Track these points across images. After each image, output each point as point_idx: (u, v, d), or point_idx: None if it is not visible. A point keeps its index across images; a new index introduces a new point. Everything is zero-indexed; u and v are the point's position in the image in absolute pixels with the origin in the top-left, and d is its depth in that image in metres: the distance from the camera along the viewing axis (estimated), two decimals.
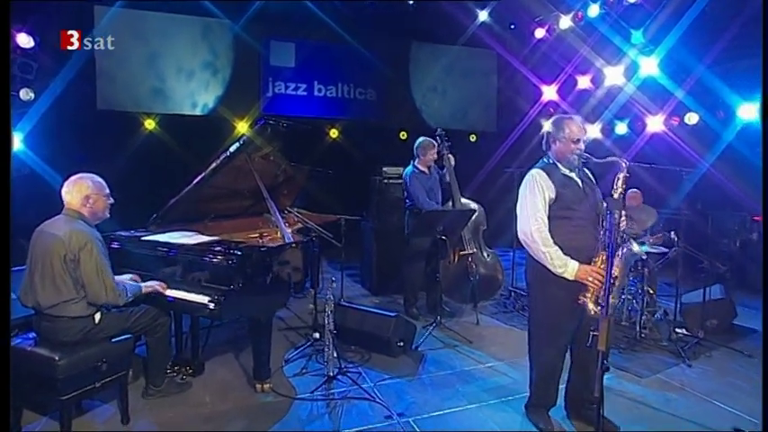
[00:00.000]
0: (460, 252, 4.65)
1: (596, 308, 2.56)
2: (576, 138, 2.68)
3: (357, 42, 7.66)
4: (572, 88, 8.03)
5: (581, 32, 7.57)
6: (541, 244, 2.60)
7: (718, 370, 3.78)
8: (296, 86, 7.68)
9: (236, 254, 2.88)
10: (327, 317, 3.33)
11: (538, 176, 2.69)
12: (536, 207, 2.65)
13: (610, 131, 7.84)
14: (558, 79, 8.18)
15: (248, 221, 4.18)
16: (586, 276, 2.54)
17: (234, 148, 3.45)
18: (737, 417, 3.07)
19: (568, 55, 7.84)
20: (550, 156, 2.79)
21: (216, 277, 2.92)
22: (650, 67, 6.85)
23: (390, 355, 3.77)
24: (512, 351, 3.98)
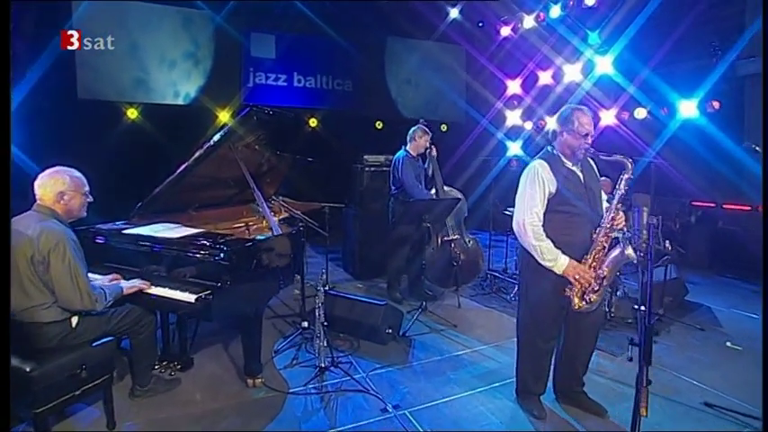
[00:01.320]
0: (444, 238, 4.33)
1: (581, 302, 2.33)
2: (585, 132, 2.36)
3: (335, 35, 7.13)
4: (534, 83, 7.80)
5: (543, 32, 7.37)
6: (533, 238, 2.32)
7: (679, 345, 3.64)
8: (276, 77, 7.09)
9: (224, 249, 2.42)
10: (318, 308, 2.95)
11: (540, 169, 2.36)
12: (533, 200, 2.35)
13: None
14: (522, 74, 7.98)
15: (233, 210, 3.72)
16: (573, 274, 2.29)
17: (217, 137, 2.99)
18: (704, 390, 2.96)
19: (531, 52, 7.62)
20: (555, 147, 2.46)
21: (203, 273, 2.47)
22: (605, 65, 6.69)
23: (380, 343, 3.43)
24: (495, 334, 3.73)
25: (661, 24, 6.07)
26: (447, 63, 8.41)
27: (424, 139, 4.38)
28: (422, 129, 4.42)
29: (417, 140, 4.38)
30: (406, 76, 8.19)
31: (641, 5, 5.97)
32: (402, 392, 2.83)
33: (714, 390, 2.95)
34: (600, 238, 2.32)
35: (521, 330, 2.64)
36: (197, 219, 3.34)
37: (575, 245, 2.34)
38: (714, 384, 3.02)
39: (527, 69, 7.81)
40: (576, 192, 2.37)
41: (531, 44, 7.55)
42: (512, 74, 8.10)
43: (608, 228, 2.31)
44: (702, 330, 3.91)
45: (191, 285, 2.44)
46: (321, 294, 2.95)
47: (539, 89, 7.76)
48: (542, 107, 7.86)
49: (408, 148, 4.42)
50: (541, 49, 7.48)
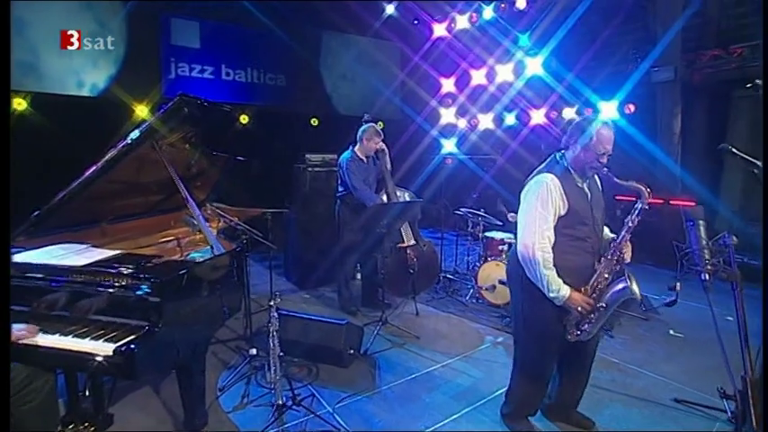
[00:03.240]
0: (398, 245, 3.92)
1: (575, 332, 2.08)
2: (604, 151, 2.00)
3: (267, 27, 6.41)
4: (468, 82, 7.72)
5: (476, 33, 7.29)
6: (543, 266, 1.98)
7: (634, 338, 3.62)
8: (202, 69, 6.19)
9: (151, 279, 1.80)
10: (272, 337, 2.41)
11: (553, 186, 1.99)
12: (545, 222, 1.99)
13: (500, 122, 7.68)
14: (456, 73, 7.86)
15: (159, 221, 3.02)
16: (576, 306, 2.00)
17: (136, 134, 2.32)
18: (668, 384, 2.91)
19: (465, 52, 7.52)
20: (566, 159, 2.09)
21: (123, 313, 1.82)
22: (535, 67, 6.74)
23: (341, 366, 2.96)
24: (460, 344, 3.44)
25: (585, 31, 6.26)
26: (382, 60, 8.04)
27: (374, 142, 3.91)
28: (373, 129, 3.94)
29: (367, 143, 3.91)
30: (341, 71, 7.67)
31: (567, 12, 6.08)
32: (377, 426, 2.40)
33: (677, 383, 2.91)
34: (603, 269, 2.07)
35: (522, 358, 2.31)
36: (112, 234, 2.61)
37: (575, 271, 2.06)
38: (675, 377, 2.99)
39: (461, 68, 7.71)
40: (584, 213, 2.07)
41: (464, 44, 7.46)
42: (446, 72, 7.96)
43: (613, 260, 2.06)
44: (647, 320, 3.95)
45: (105, 330, 1.78)
46: (275, 320, 2.41)
47: (472, 88, 7.69)
48: (476, 106, 7.82)
49: (356, 149, 3.94)
50: (474, 50, 7.44)
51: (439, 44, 7.73)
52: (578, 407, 2.45)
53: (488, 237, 4.68)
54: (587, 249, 2.09)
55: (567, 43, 6.22)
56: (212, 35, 6.19)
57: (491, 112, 7.70)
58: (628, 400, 2.71)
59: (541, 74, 6.74)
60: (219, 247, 2.33)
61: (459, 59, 7.65)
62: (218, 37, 6.25)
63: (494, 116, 7.69)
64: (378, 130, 3.95)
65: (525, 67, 6.86)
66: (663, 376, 3.00)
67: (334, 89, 7.61)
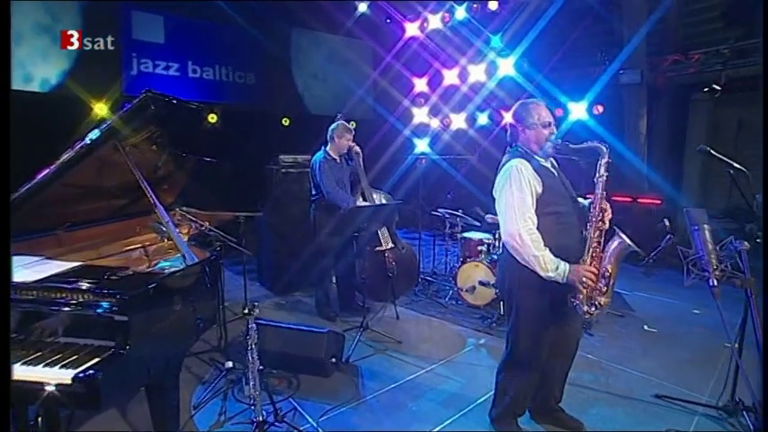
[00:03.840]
0: (377, 249, 3.81)
1: (591, 309, 2.01)
2: (547, 121, 2.08)
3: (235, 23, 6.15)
4: (440, 82, 7.70)
5: (448, 33, 7.28)
6: (533, 247, 1.94)
7: (610, 335, 3.67)
8: (167, 65, 5.86)
9: (117, 294, 1.61)
10: (251, 350, 2.25)
11: (524, 169, 1.99)
12: (525, 205, 1.97)
13: (473, 122, 7.72)
14: (428, 73, 7.83)
15: (122, 227, 2.78)
16: (580, 278, 1.94)
17: (96, 133, 2.11)
18: (647, 380, 2.95)
19: (437, 52, 7.50)
20: (520, 146, 2.12)
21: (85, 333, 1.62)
22: (507, 67, 6.80)
23: (323, 376, 2.82)
24: (443, 348, 3.37)
25: (555, 33, 6.37)
26: (354, 59, 7.91)
27: (346, 139, 3.78)
28: (343, 126, 3.82)
29: (338, 140, 3.77)
30: (312, 70, 7.49)
31: (538, 14, 6.16)
32: None
33: (657, 379, 2.95)
34: (593, 235, 2.02)
35: (517, 355, 2.23)
36: (69, 244, 2.38)
37: (569, 248, 2.02)
38: (653, 373, 3.04)
39: (433, 68, 7.69)
40: (558, 190, 2.07)
41: (437, 44, 7.44)
42: (418, 72, 7.91)
43: (598, 221, 2.03)
44: (622, 317, 4.02)
45: (62, 354, 1.57)
46: (253, 332, 2.26)
47: (445, 88, 7.68)
48: (448, 105, 7.83)
49: (328, 148, 3.80)
50: (447, 50, 7.43)
51: (411, 44, 7.67)
52: (565, 409, 2.43)
53: (466, 237, 4.65)
54: (573, 224, 2.08)
55: (538, 45, 6.31)
56: (177, 30, 5.87)
57: (464, 111, 7.72)
58: (612, 399, 2.71)
59: (513, 74, 6.81)
60: (192, 256, 2.15)
61: (431, 59, 7.63)
62: (184, 32, 5.94)
63: (466, 116, 7.72)
64: (348, 126, 3.83)
65: (497, 67, 6.91)
66: (642, 372, 3.03)
67: (305, 88, 7.41)
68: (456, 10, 6.96)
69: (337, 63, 7.63)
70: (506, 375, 2.28)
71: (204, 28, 6.12)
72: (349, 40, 7.61)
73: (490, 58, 6.97)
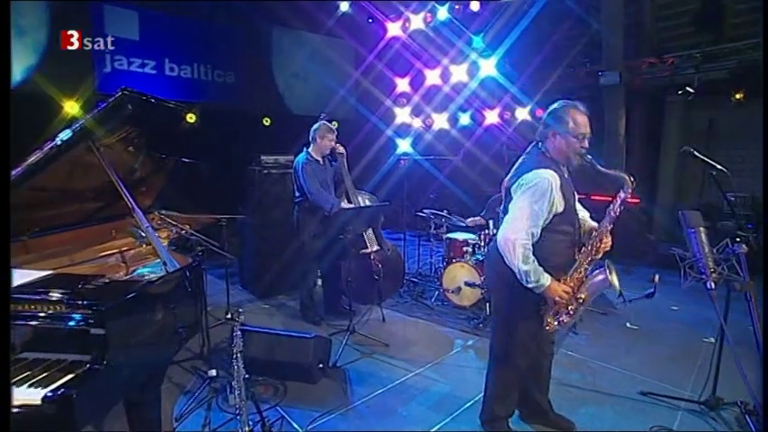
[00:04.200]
0: (362, 251, 3.74)
1: (553, 322, 2.02)
2: (583, 133, 1.93)
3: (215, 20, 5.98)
4: (423, 82, 7.69)
5: (430, 33, 7.27)
6: (522, 261, 1.90)
7: (594, 333, 3.70)
8: (142, 63, 5.64)
9: (93, 306, 1.51)
10: (236, 359, 2.16)
11: (555, 185, 1.89)
12: (536, 220, 1.90)
13: (455, 122, 7.73)
14: (410, 73, 7.80)
15: (96, 232, 2.65)
16: (554, 296, 1.94)
17: (67, 133, 2.00)
18: (632, 377, 2.99)
19: (419, 52, 7.48)
20: (548, 149, 1.99)
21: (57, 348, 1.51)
22: (488, 68, 6.83)
23: (310, 382, 2.75)
24: (431, 350, 3.34)
25: (537, 35, 6.43)
26: (336, 59, 7.80)
27: (329, 139, 3.70)
28: (325, 126, 3.73)
29: (320, 141, 3.69)
30: (294, 70, 7.35)
31: (520, 16, 6.21)
32: None
33: (641, 376, 2.99)
34: (583, 260, 2.01)
35: (499, 356, 2.22)
36: (38, 250, 2.24)
37: (563, 266, 2.01)
38: (637, 369, 3.08)
39: (415, 68, 7.66)
40: (572, 209, 2.00)
41: (419, 44, 7.42)
42: (400, 72, 7.87)
43: (594, 251, 2.01)
44: (605, 315, 4.07)
45: (31, 372, 1.45)
46: (238, 339, 2.17)
47: (427, 88, 7.67)
48: (430, 106, 7.82)
49: (310, 149, 3.72)
50: (429, 50, 7.42)
51: (393, 44, 7.63)
52: (554, 408, 2.43)
53: (451, 238, 4.64)
54: (573, 244, 2.05)
55: (520, 46, 6.36)
56: (153, 27, 5.65)
57: (446, 111, 7.73)
58: (600, 398, 2.73)
59: (495, 75, 6.85)
60: (173, 262, 2.04)
61: (413, 59, 7.60)
62: (160, 29, 5.73)
63: (448, 116, 7.73)
64: (330, 126, 3.75)
65: (479, 68, 6.94)
66: (627, 370, 3.07)
67: (286, 88, 7.28)
68: (438, 10, 6.95)
69: (319, 62, 7.52)
70: (492, 375, 2.26)
71: (182, 24, 5.92)
72: (330, 39, 7.52)
73: (472, 58, 6.99)
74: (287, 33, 7.09)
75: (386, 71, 7.92)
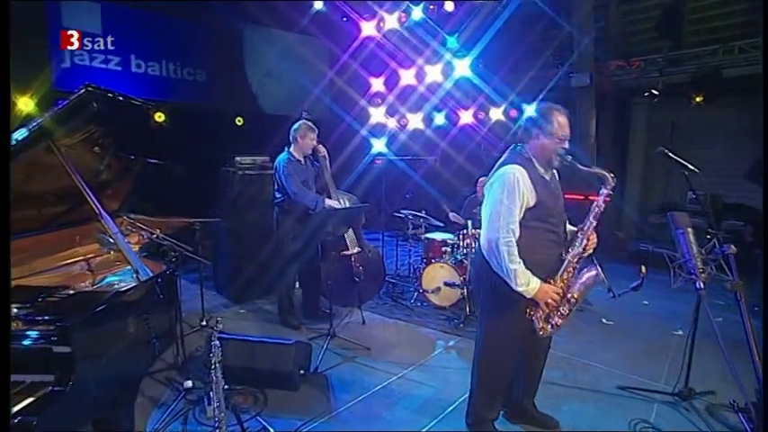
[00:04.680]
0: (342, 252, 3.65)
1: (546, 326, 2.01)
2: (565, 134, 1.97)
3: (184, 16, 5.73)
4: (397, 82, 7.64)
5: (405, 33, 7.23)
6: (508, 260, 1.89)
7: (572, 329, 3.73)
8: (106, 58, 5.32)
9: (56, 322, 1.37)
10: (214, 369, 2.04)
11: (521, 177, 1.90)
12: (511, 215, 1.90)
13: (430, 122, 7.74)
14: (385, 73, 7.74)
15: (59, 238, 2.46)
16: (545, 298, 1.94)
17: (23, 133, 1.84)
18: (610, 372, 3.04)
19: (394, 52, 7.43)
20: (527, 150, 2.01)
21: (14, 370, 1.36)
22: (463, 68, 6.86)
23: (291, 389, 2.65)
24: (413, 352, 3.30)
25: (510, 36, 6.50)
26: (310, 57, 7.66)
27: (310, 138, 3.59)
28: (306, 125, 3.62)
29: (301, 141, 3.58)
30: (266, 68, 7.16)
31: (494, 17, 6.26)
32: None
33: (618, 371, 3.05)
34: (571, 260, 2.01)
35: (485, 360, 2.19)
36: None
37: (544, 264, 1.99)
38: (615, 364, 3.15)
39: (390, 68, 7.61)
40: (551, 205, 2.00)
41: (393, 44, 7.38)
42: (375, 72, 7.80)
43: (581, 249, 2.01)
44: (582, 311, 4.13)
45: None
46: (217, 349, 2.05)
47: (401, 88, 7.63)
48: (405, 105, 7.79)
49: (292, 149, 3.61)
50: (403, 50, 7.39)
51: (368, 43, 7.55)
52: (538, 406, 2.43)
53: (429, 238, 4.62)
54: (555, 241, 2.04)
55: (494, 47, 6.41)
56: (118, 20, 5.34)
57: (420, 111, 7.72)
58: (581, 394, 2.76)
59: (469, 75, 6.89)
60: (146, 270, 1.91)
61: (388, 59, 7.55)
62: (126, 23, 5.41)
63: (423, 116, 7.72)
64: (311, 125, 3.64)
65: (454, 68, 6.96)
66: (605, 365, 3.13)
67: (259, 87, 7.08)
68: (412, 10, 6.91)
69: (292, 61, 7.35)
70: (479, 379, 2.23)
71: (148, 19, 5.63)
72: (304, 37, 7.37)
73: (446, 58, 7.00)
74: (259, 31, 6.90)
75: (360, 71, 7.83)
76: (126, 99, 2.13)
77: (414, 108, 7.76)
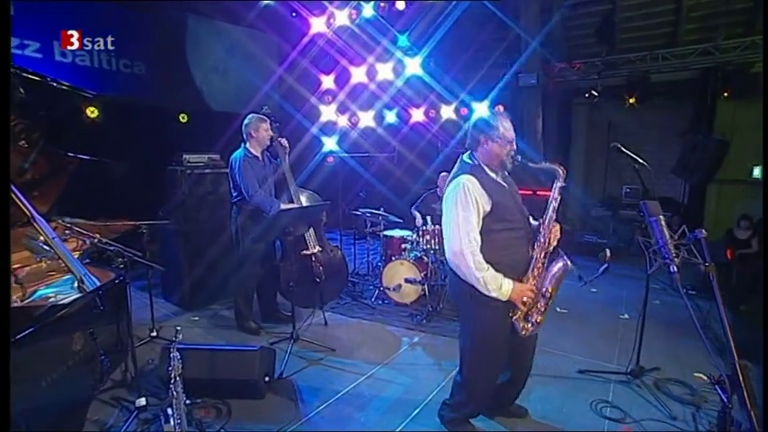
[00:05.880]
0: (303, 252, 3.52)
1: (527, 326, 2.05)
2: (511, 137, 2.01)
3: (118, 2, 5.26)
4: (348, 79, 7.55)
5: (356, 30, 7.15)
6: (475, 269, 1.90)
7: None
8: (22, 43, 4.72)
9: None
10: (174, 383, 1.87)
11: (471, 186, 1.92)
12: (469, 224, 1.91)
13: (381, 120, 7.72)
14: (335, 70, 7.61)
15: None
16: (520, 297, 1.96)
17: None
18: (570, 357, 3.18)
19: (344, 49, 7.33)
20: (476, 157, 2.03)
21: None
22: (414, 67, 6.91)
23: (256, 398, 2.50)
24: (378, 351, 3.26)
25: (461, 36, 6.64)
26: (258, 53, 7.36)
27: (264, 129, 3.42)
28: (257, 117, 3.44)
29: (256, 134, 3.41)
30: (212, 63, 6.77)
31: (444, 16, 6.36)
32: None
33: (577, 356, 3.20)
34: (539, 255, 2.05)
35: (468, 361, 2.16)
36: None
37: (515, 264, 2.01)
38: (573, 350, 3.30)
39: (340, 65, 7.50)
40: (507, 205, 2.02)
41: (344, 41, 7.27)
42: (325, 69, 7.66)
43: (546, 243, 2.05)
44: None
45: None
46: (176, 361, 1.88)
47: (352, 86, 7.55)
48: (356, 103, 7.72)
49: (248, 145, 3.43)
50: (354, 47, 7.31)
51: (317, 40, 7.39)
52: None
53: (388, 236, 4.60)
54: (522, 240, 2.06)
55: (445, 46, 6.51)
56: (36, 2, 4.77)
57: (372, 109, 7.68)
58: (545, 380, 2.85)
59: (420, 74, 6.94)
60: (91, 279, 1.69)
61: (338, 56, 7.44)
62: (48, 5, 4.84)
63: (374, 114, 7.69)
64: (261, 116, 3.46)
65: (405, 66, 6.98)
66: (564, 352, 3.26)
67: (204, 82, 6.68)
68: (363, 7, 6.86)
69: (240, 56, 7.02)
70: (463, 387, 2.20)
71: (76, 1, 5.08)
72: (252, 31, 7.06)
73: (398, 56, 7.01)
74: (203, 23, 6.51)
75: (310, 68, 7.66)
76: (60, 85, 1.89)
77: (365, 106, 7.71)
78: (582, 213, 6.77)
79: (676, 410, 2.52)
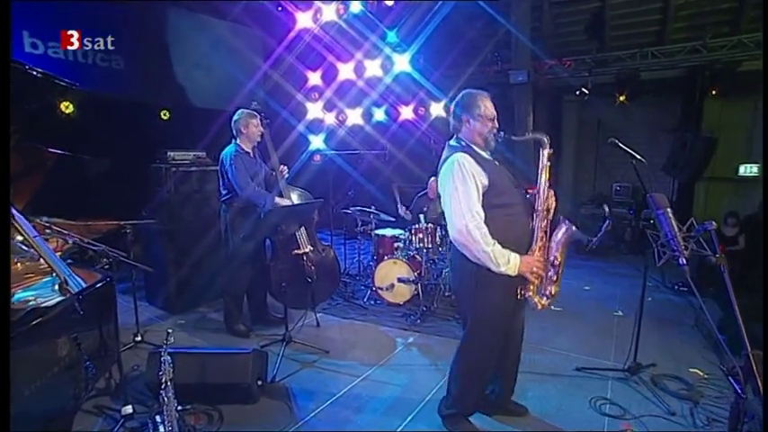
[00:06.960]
0: (294, 252, 3.47)
1: (542, 300, 2.05)
2: (493, 115, 2.06)
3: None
4: (335, 76, 7.49)
5: (343, 25, 7.10)
6: (482, 243, 1.90)
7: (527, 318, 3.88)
8: None
9: None
10: (165, 389, 1.81)
11: (466, 163, 1.94)
12: (470, 200, 1.91)
13: (369, 117, 7.69)
14: (322, 67, 7.54)
15: None
16: (530, 269, 1.97)
17: None
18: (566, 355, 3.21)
19: (332, 45, 7.27)
20: (462, 138, 2.08)
21: None
22: (403, 63, 6.89)
23: (249, 403, 2.45)
24: (373, 352, 3.24)
25: (451, 32, 6.64)
26: (242, 48, 7.24)
27: (254, 125, 3.38)
28: (246, 113, 3.41)
29: (246, 130, 3.36)
30: (195, 58, 6.62)
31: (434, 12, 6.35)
32: None
33: (574, 353, 3.23)
34: (540, 224, 2.05)
35: (473, 355, 2.17)
36: None
37: (519, 239, 2.02)
38: (569, 348, 3.33)
39: (327, 62, 7.44)
40: (503, 180, 2.04)
41: (331, 37, 7.21)
42: (312, 65, 7.58)
43: (544, 211, 2.06)
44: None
45: None
46: (168, 366, 1.82)
47: (340, 82, 7.49)
48: (343, 101, 7.67)
49: (239, 141, 3.37)
50: (341, 43, 7.25)
51: (304, 35, 7.31)
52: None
53: (380, 235, 4.58)
54: (521, 215, 2.07)
55: (434, 42, 6.51)
56: None
57: (360, 107, 7.64)
58: (543, 379, 2.87)
59: (409, 70, 6.93)
60: (76, 280, 1.62)
61: (325, 52, 7.37)
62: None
63: (363, 111, 7.65)
64: (251, 112, 3.43)
65: (393, 63, 6.95)
66: (560, 349, 3.30)
67: (187, 78, 6.53)
68: (351, 3, 6.82)
69: (224, 52, 6.90)
70: (462, 378, 2.20)
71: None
72: (236, 26, 6.95)
73: (386, 53, 6.99)
74: (185, 17, 6.38)
75: (296, 64, 7.57)
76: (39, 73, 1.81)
77: (353, 103, 7.66)
78: (572, 210, 6.85)
79: (674, 406, 2.55)
